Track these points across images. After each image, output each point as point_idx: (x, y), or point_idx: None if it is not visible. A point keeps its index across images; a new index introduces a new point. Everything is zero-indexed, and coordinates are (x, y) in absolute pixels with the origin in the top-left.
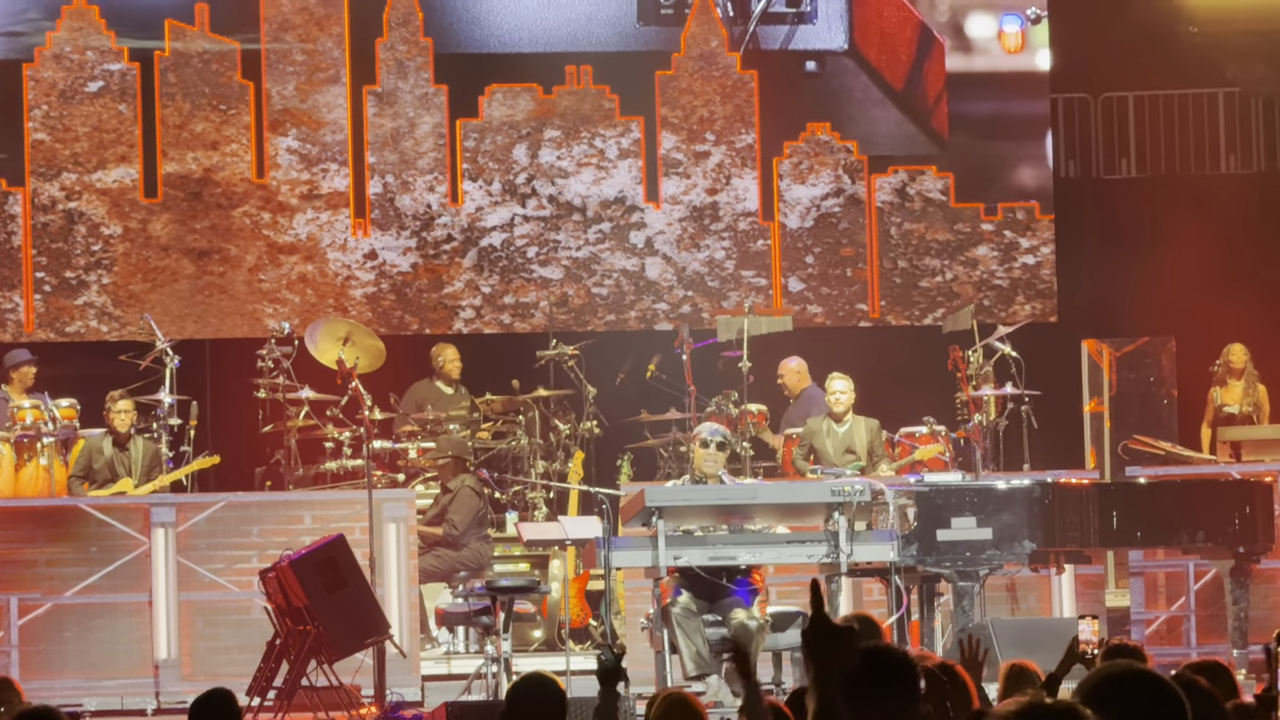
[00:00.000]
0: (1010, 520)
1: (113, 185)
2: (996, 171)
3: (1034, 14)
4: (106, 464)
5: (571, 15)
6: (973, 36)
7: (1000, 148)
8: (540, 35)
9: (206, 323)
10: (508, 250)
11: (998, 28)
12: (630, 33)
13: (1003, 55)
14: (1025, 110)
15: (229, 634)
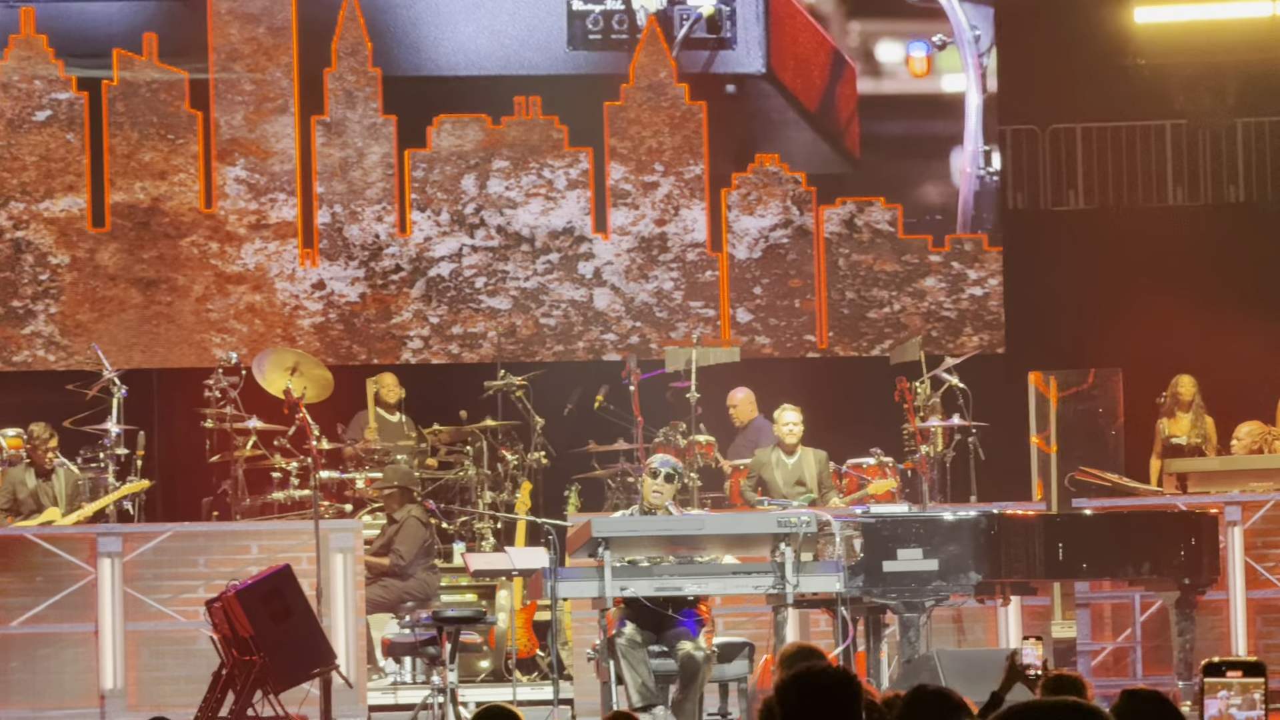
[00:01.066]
0: (956, 552)
1: (60, 214)
2: (903, 189)
3: (940, 40)
4: (31, 495)
5: (506, 41)
6: (882, 61)
7: (908, 165)
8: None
9: (154, 352)
10: (456, 280)
11: (905, 53)
12: (560, 57)
13: (910, 79)
14: (931, 130)
15: (175, 664)
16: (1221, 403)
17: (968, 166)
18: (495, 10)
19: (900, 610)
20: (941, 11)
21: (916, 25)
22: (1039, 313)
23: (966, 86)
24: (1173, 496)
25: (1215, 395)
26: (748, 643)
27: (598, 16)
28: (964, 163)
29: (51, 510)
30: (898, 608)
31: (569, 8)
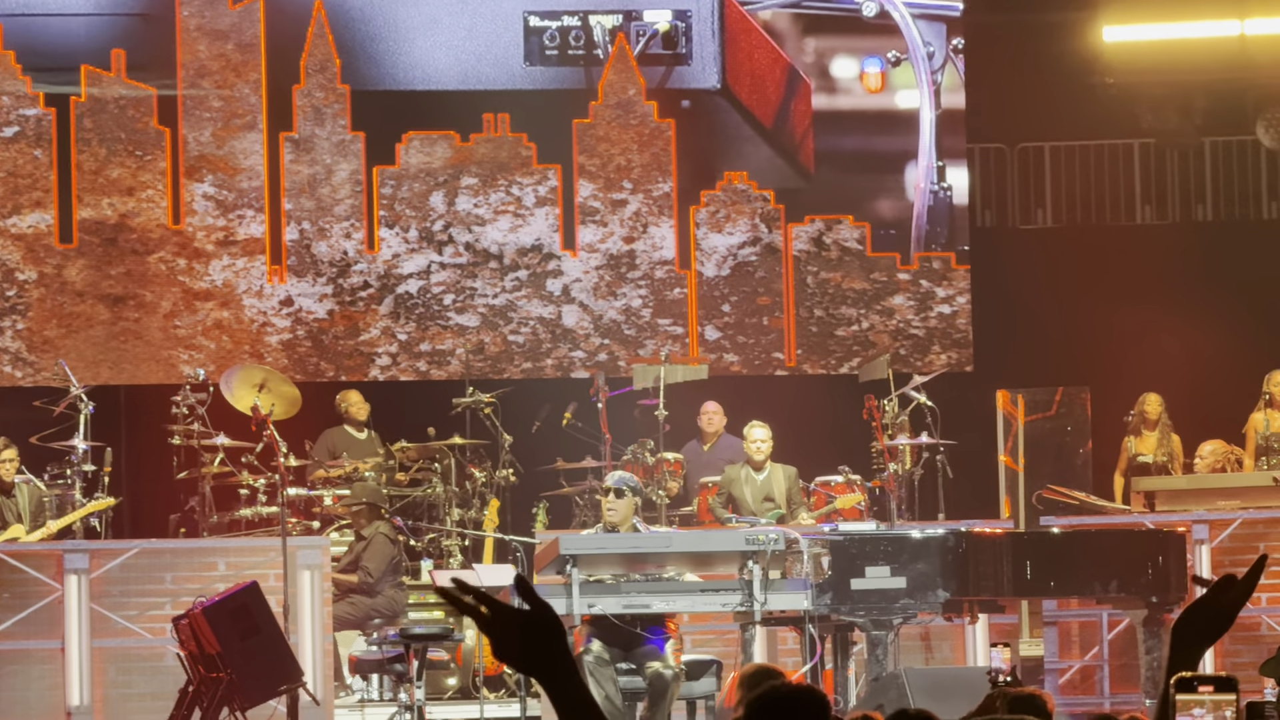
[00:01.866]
0: (924, 569)
1: (28, 230)
2: (858, 203)
3: (894, 57)
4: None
5: (463, 56)
6: (837, 77)
7: (863, 180)
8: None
9: (121, 369)
10: (424, 297)
11: (860, 69)
12: (518, 73)
13: (865, 95)
14: (886, 146)
15: (142, 681)
16: (1188, 421)
17: (922, 181)
18: (453, 26)
19: (868, 628)
20: (896, 28)
21: (871, 42)
22: (1007, 331)
23: (920, 103)
24: (1140, 515)
25: (1182, 413)
26: (715, 660)
27: (554, 33)
28: (918, 178)
29: (16, 527)
30: (865, 625)
31: (526, 24)
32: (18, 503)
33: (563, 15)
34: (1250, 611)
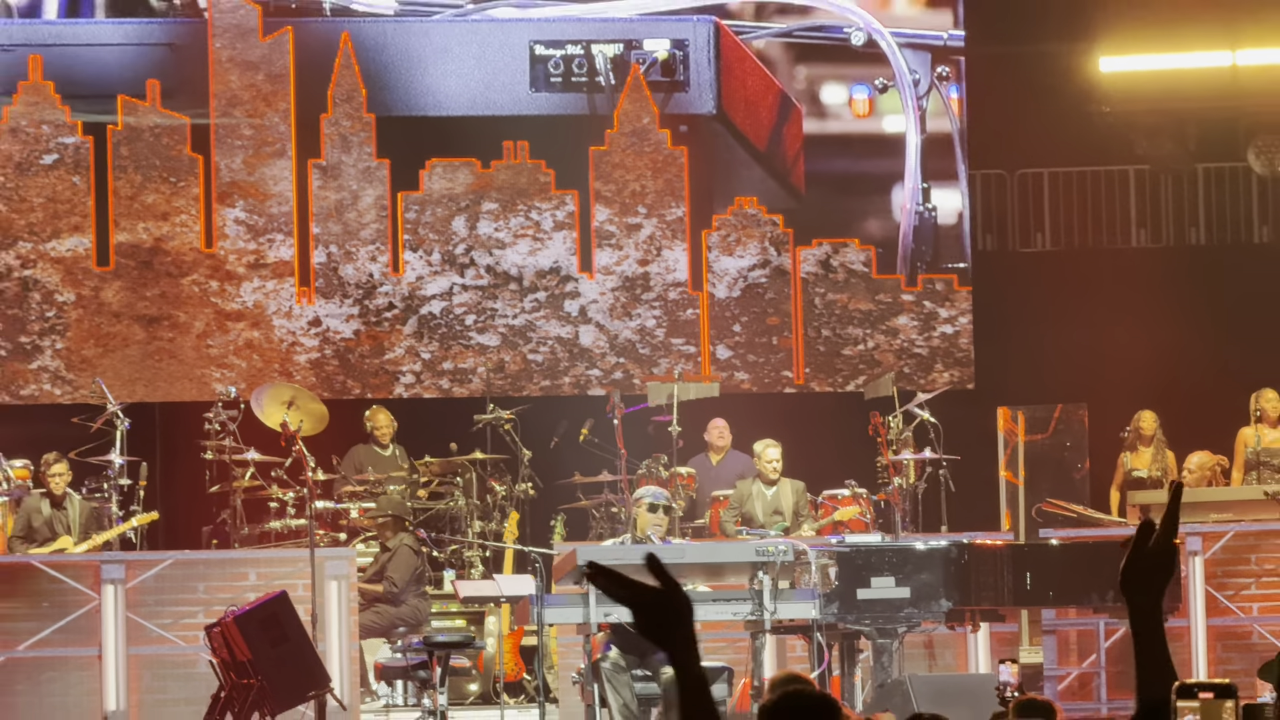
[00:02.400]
0: (928, 580)
1: (66, 254)
2: (847, 222)
3: (881, 84)
4: (45, 523)
5: (471, 83)
6: (826, 103)
7: (851, 202)
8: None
9: (156, 387)
10: (447, 318)
11: (849, 95)
12: (524, 98)
13: (853, 120)
14: (873, 168)
15: (176, 687)
16: (1182, 437)
17: (908, 203)
18: (462, 55)
19: (874, 636)
20: (883, 57)
21: (859, 69)
22: (1007, 350)
23: (906, 127)
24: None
25: (1175, 430)
26: (727, 667)
27: (558, 61)
28: (904, 199)
29: (64, 539)
30: (871, 634)
31: (532, 53)
32: (68, 514)
33: (566, 44)
34: (1242, 621)
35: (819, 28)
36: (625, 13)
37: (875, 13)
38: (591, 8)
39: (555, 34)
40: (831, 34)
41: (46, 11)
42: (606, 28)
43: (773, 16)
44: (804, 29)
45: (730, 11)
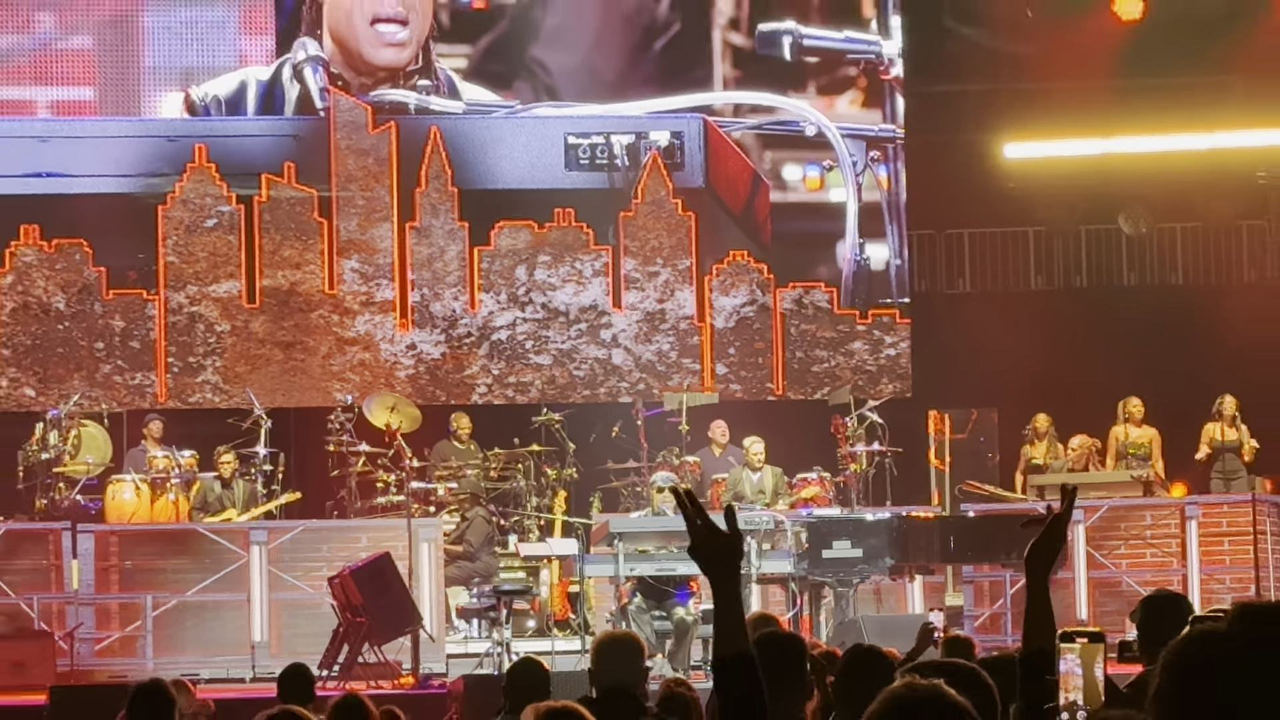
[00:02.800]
0: (876, 543)
1: (224, 295)
2: (804, 268)
3: (828, 164)
4: (217, 499)
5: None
6: (787, 179)
7: (806, 253)
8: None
9: (291, 395)
10: (511, 343)
11: (803, 173)
12: (560, 175)
13: (807, 192)
14: (822, 228)
15: (305, 624)
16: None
17: (848, 254)
18: (513, 143)
19: (835, 586)
20: (829, 144)
21: (811, 154)
22: (936, 367)
23: (847, 197)
24: (1034, 503)
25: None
26: None
27: (586, 148)
28: (845, 251)
29: (230, 510)
30: (833, 584)
31: (565, 141)
32: (234, 493)
33: (591, 135)
34: (1114, 574)
35: (781, 123)
36: (636, 111)
37: (823, 111)
38: (609, 108)
39: (583, 127)
40: (790, 127)
41: (248, 105)
42: (621, 122)
43: (746, 114)
44: (770, 123)
45: (715, 110)
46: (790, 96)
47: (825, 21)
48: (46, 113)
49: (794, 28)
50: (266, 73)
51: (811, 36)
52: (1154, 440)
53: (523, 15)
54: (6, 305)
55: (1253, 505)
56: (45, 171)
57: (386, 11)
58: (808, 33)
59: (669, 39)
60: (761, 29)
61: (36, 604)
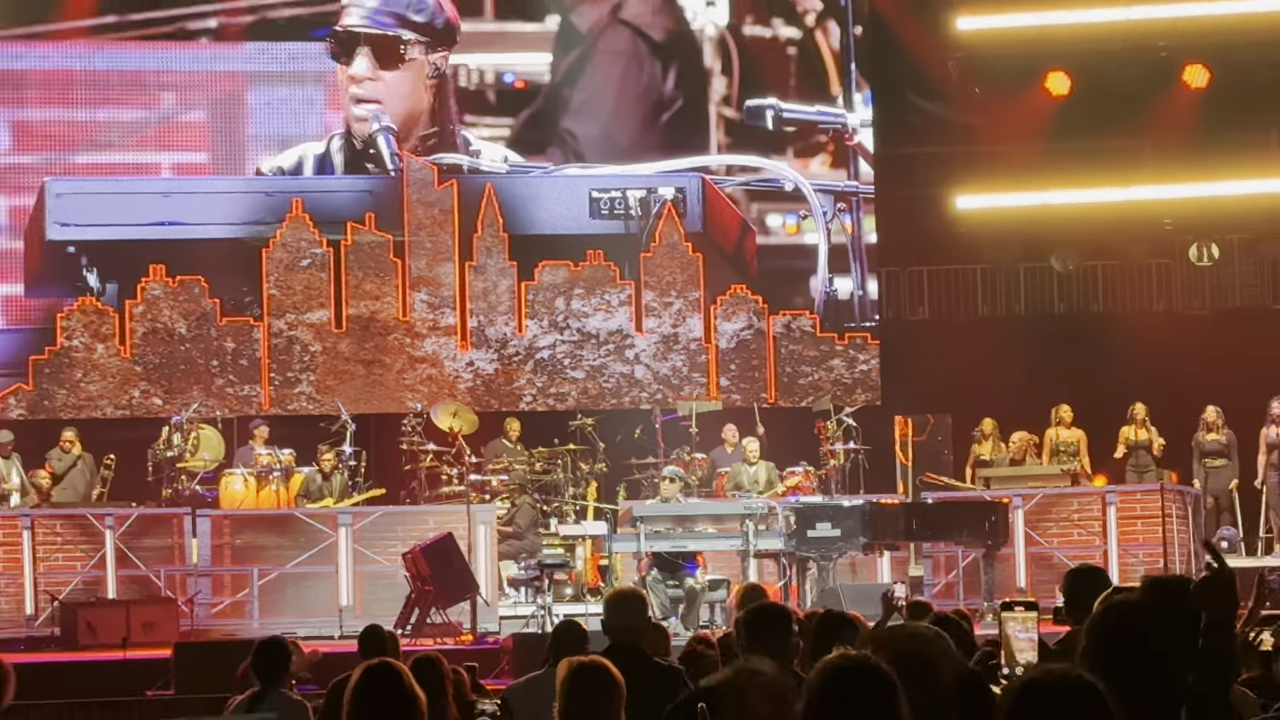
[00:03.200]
0: (851, 525)
1: (316, 322)
2: (785, 298)
3: (803, 214)
4: (318, 489)
5: (555, 213)
6: (770, 226)
7: (785, 286)
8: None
9: (371, 404)
10: (552, 361)
11: (783, 221)
12: (586, 223)
13: (786, 236)
14: (798, 265)
15: (384, 591)
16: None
17: (820, 286)
18: (548, 197)
19: (818, 560)
20: (804, 197)
21: (790, 205)
22: (901, 381)
23: (819, 240)
24: (981, 492)
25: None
26: (726, 579)
27: (606, 200)
28: (817, 284)
29: (327, 499)
30: (816, 558)
31: (590, 196)
32: (331, 484)
33: (610, 190)
34: (1047, 550)
35: (765, 180)
36: (647, 171)
37: (799, 171)
38: (625, 168)
39: (604, 184)
40: (772, 184)
41: (305, 171)
42: (635, 180)
43: (736, 173)
44: (756, 181)
45: (711, 170)
46: (772, 159)
47: (800, 98)
48: (169, 173)
49: (775, 103)
50: (321, 145)
51: (789, 110)
52: (1081, 440)
53: (555, 93)
54: (138, 330)
55: (1161, 493)
56: (168, 220)
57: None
58: (786, 107)
59: (673, 112)
60: (748, 104)
61: (163, 575)
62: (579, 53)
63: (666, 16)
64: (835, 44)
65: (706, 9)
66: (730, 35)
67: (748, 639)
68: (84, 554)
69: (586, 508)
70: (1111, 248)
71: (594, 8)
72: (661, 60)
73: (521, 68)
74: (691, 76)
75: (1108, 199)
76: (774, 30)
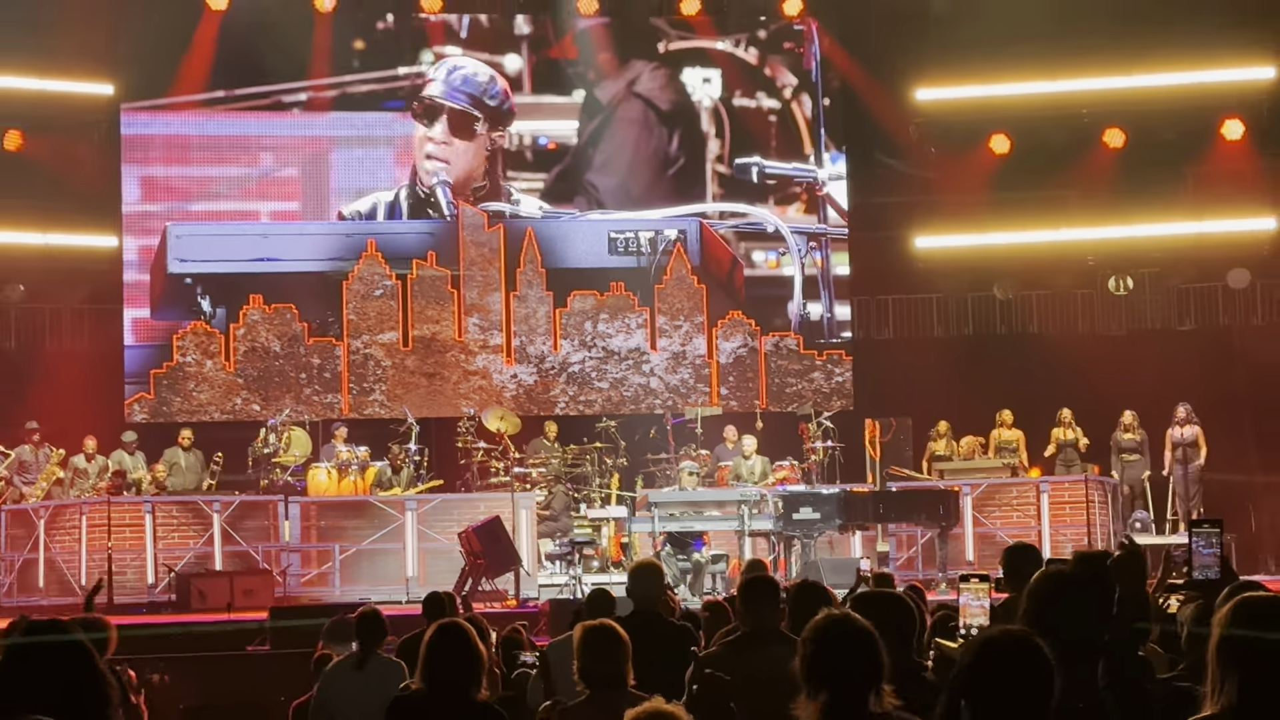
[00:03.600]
0: (829, 509)
1: (387, 341)
2: (768, 319)
3: (781, 251)
4: (387, 480)
5: (581, 250)
6: (755, 261)
7: (768, 309)
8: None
9: (433, 409)
10: (582, 374)
11: (766, 257)
12: (605, 257)
13: (769, 270)
14: (777, 293)
15: (443, 563)
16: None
17: (795, 310)
18: (575, 238)
19: (801, 538)
20: (783, 237)
21: (771, 244)
22: (870, 390)
23: (794, 273)
24: (936, 482)
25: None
26: (725, 554)
27: (622, 240)
28: (793, 309)
29: (396, 488)
30: (800, 537)
31: (609, 236)
32: (401, 476)
33: (626, 231)
34: (991, 530)
35: (751, 223)
36: (655, 216)
37: (779, 216)
38: (637, 214)
39: (620, 227)
40: (757, 226)
41: (378, 215)
42: (645, 223)
43: (728, 218)
44: (744, 224)
45: (707, 215)
46: (756, 206)
47: (779, 157)
48: (266, 218)
49: (759, 161)
50: (390, 194)
51: (770, 167)
52: (1019, 439)
53: (581, 153)
54: (241, 348)
55: (1085, 484)
56: (266, 257)
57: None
58: (768, 165)
59: (677, 168)
60: (737, 162)
61: (260, 551)
62: (600, 120)
63: (671, 91)
64: (808, 113)
65: (703, 84)
66: (723, 106)
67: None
68: (195, 533)
69: (610, 495)
70: (1043, 279)
71: (613, 83)
72: (667, 126)
73: (553, 132)
74: (691, 139)
75: (1040, 239)
76: (758, 102)
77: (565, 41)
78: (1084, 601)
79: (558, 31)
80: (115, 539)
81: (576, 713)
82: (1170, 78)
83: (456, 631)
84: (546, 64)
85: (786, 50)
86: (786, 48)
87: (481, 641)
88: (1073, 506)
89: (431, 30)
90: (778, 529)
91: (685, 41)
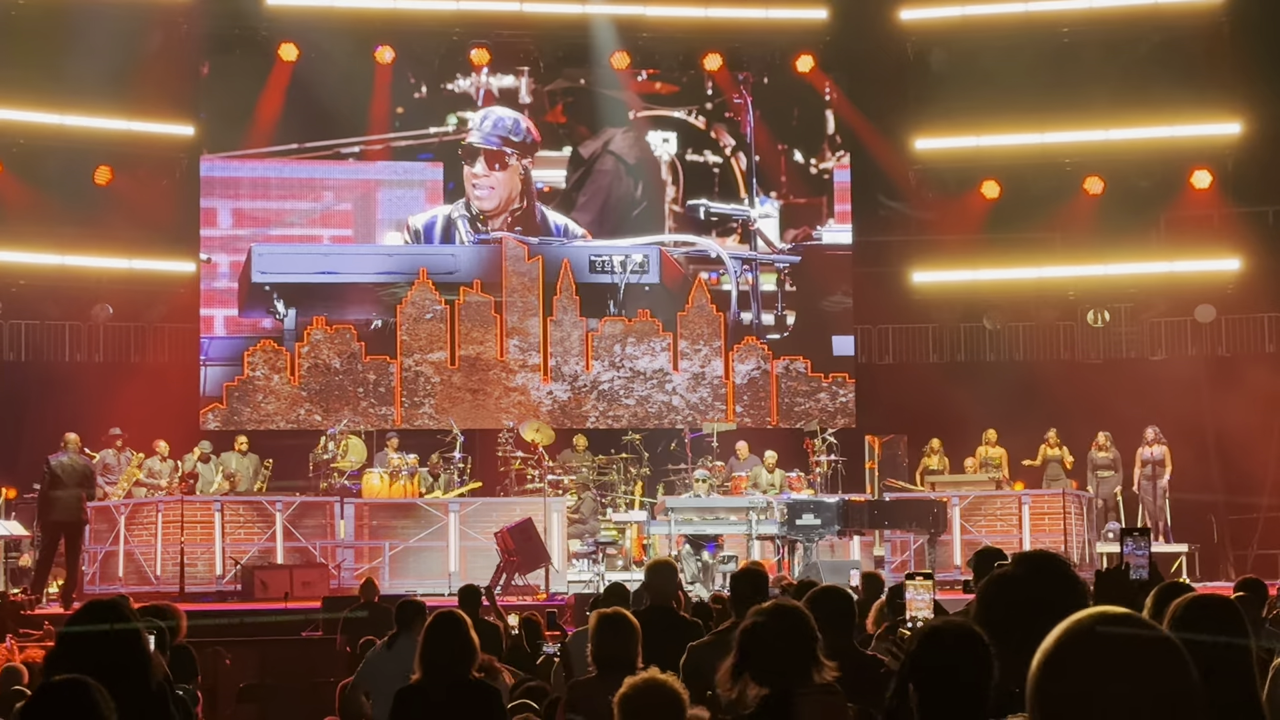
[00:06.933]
0: (830, 515)
1: (435, 360)
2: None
3: (722, 272)
4: (429, 487)
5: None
6: (702, 278)
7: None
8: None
9: (476, 421)
10: (610, 391)
11: (709, 276)
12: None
13: (712, 286)
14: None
15: (481, 560)
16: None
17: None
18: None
19: (804, 542)
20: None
21: (714, 266)
22: (872, 409)
23: (732, 288)
24: (928, 493)
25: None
26: (735, 555)
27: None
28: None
29: (437, 491)
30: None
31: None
32: (440, 480)
33: (602, 255)
34: (977, 537)
35: (698, 250)
36: (624, 244)
37: (720, 245)
38: (611, 242)
39: (597, 251)
40: (702, 253)
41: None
42: (617, 249)
43: (681, 246)
44: (692, 251)
45: (664, 244)
46: (703, 237)
47: (721, 199)
48: (327, 241)
49: (705, 203)
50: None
51: (714, 207)
52: (1003, 456)
53: (567, 196)
54: (304, 365)
55: (1063, 497)
56: (327, 271)
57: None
58: (712, 205)
59: (641, 209)
60: (689, 203)
61: (318, 546)
62: (582, 171)
63: (638, 149)
64: (743, 167)
65: (663, 143)
66: (677, 160)
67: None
68: (259, 530)
69: (634, 501)
70: (1029, 312)
71: (592, 142)
72: (634, 176)
73: (547, 179)
74: (653, 186)
75: (1026, 275)
76: (705, 157)
77: (557, 110)
78: (1024, 594)
79: (551, 101)
80: (187, 534)
81: (585, 686)
82: (1145, 132)
83: (448, 621)
84: (543, 127)
85: (727, 119)
86: (727, 116)
87: (500, 620)
88: (1051, 517)
89: (455, 99)
90: (782, 533)
91: (649, 110)
